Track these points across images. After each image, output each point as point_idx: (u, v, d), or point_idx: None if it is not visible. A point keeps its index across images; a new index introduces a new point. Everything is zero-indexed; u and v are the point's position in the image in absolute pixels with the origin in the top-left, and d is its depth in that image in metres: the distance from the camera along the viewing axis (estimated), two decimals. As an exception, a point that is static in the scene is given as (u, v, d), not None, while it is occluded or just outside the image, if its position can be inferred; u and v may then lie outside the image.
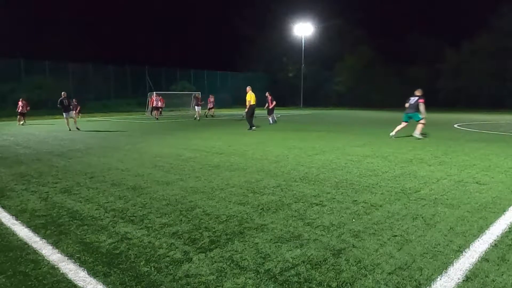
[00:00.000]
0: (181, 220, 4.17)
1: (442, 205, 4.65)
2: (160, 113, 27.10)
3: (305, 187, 5.66)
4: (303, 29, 46.34)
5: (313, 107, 45.20)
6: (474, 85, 39.45)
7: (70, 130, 16.05)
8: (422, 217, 4.20)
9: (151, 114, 30.29)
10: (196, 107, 24.15)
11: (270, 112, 19.53)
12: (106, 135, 14.24)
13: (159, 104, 26.96)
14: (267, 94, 19.68)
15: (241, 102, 27.69)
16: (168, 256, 3.25)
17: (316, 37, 49.07)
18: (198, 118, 23.63)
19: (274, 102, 19.69)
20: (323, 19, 48.60)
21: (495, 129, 15.84)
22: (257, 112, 17.98)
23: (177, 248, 3.41)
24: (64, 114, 16.69)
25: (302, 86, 46.65)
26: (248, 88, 16.40)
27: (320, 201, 4.89)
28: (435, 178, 6.17)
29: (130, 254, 3.28)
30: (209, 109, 26.15)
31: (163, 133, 14.82)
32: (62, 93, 16.77)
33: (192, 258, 3.19)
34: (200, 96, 25.32)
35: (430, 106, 40.26)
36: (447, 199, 4.92)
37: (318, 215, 4.30)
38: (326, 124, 19.62)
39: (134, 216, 4.34)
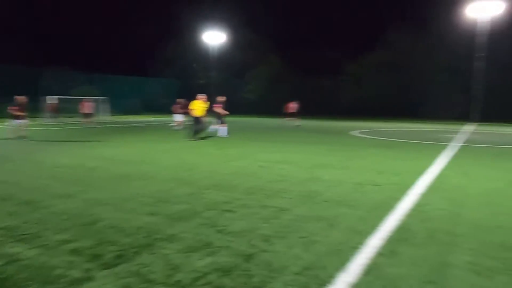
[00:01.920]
0: (83, 235, 3.85)
1: (344, 207, 5.01)
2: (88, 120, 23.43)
3: (217, 194, 5.66)
4: (212, 37, 47.01)
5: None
6: (372, 96, 43.57)
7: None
8: (326, 219, 4.48)
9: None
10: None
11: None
12: (-6, 144, 12.58)
13: (90, 110, 23.42)
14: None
15: (152, 108, 26.48)
16: (66, 276, 2.96)
17: (227, 46, 49.86)
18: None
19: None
20: (233, 29, 49.53)
21: (391, 136, 17.64)
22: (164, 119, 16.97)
23: (77, 266, 3.13)
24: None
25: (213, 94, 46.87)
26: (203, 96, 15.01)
27: (232, 207, 4.92)
28: (338, 182, 6.64)
29: (20, 278, 2.92)
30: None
31: (63, 141, 13.60)
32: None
33: (94, 276, 2.95)
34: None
35: (333, 115, 43.55)
36: (348, 201, 5.32)
37: (229, 222, 4.32)
38: (238, 131, 19.93)
39: (26, 234, 3.88)
